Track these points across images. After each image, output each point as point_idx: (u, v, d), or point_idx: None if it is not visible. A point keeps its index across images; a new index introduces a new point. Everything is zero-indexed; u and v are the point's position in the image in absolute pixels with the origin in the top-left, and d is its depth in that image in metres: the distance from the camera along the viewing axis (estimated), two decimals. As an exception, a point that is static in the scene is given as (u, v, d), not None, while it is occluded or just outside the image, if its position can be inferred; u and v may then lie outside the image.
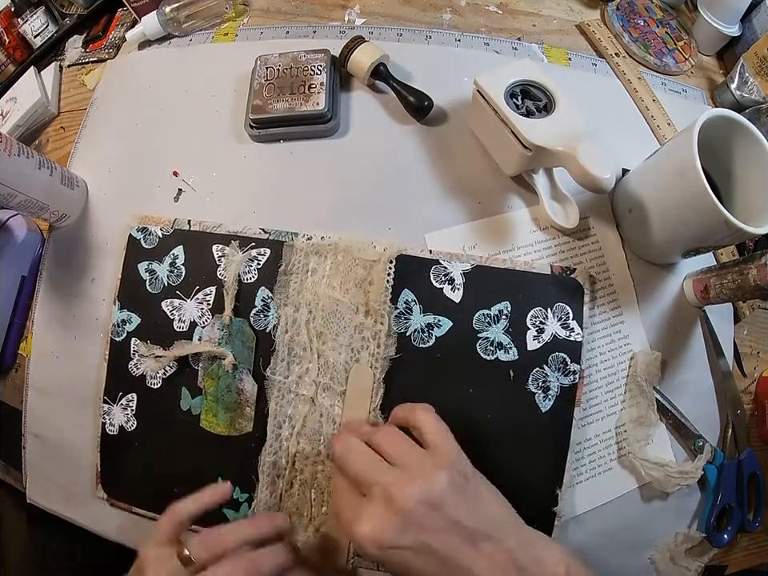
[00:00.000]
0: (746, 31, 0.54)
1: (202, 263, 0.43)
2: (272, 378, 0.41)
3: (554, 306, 0.41)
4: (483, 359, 0.40)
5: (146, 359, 0.43)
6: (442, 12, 0.53)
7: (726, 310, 0.45)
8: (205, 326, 0.42)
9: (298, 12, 0.54)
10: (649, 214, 0.40)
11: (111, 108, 0.52)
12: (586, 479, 0.41)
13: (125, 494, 0.44)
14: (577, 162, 0.36)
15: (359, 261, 0.41)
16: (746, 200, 0.38)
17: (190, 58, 0.53)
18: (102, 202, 0.48)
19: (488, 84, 0.40)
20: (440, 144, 0.46)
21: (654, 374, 0.42)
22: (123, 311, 0.44)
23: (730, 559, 0.45)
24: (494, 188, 0.45)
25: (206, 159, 0.47)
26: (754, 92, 0.49)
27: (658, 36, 0.54)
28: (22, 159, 0.41)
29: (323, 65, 0.46)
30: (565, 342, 0.40)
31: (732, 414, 0.43)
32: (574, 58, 0.51)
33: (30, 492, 0.48)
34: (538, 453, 0.40)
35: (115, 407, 0.44)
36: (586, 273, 0.42)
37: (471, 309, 0.41)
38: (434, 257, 0.42)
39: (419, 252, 0.42)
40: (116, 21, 0.59)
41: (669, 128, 0.48)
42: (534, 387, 0.40)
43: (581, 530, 0.41)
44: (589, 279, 0.42)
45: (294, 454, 0.40)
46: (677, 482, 0.41)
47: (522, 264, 0.42)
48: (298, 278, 0.42)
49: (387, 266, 0.41)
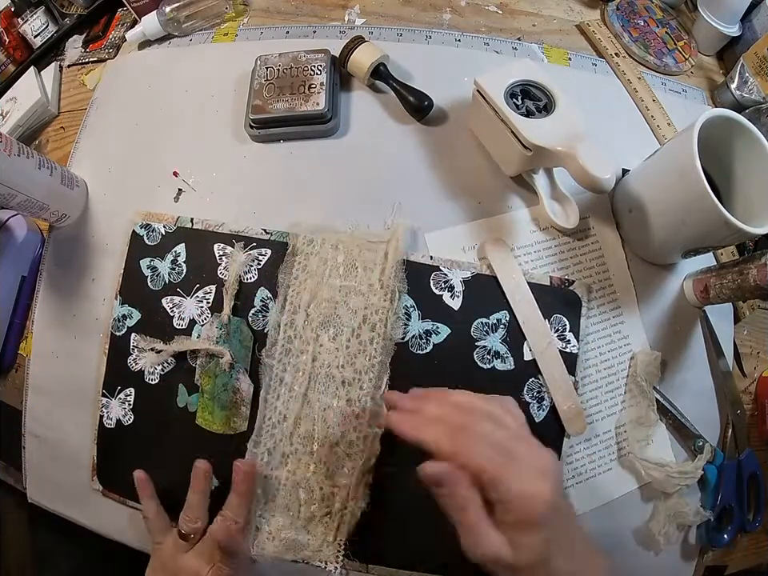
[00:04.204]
0: (746, 31, 0.54)
1: (203, 261, 0.43)
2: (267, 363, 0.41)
3: (552, 318, 0.41)
4: (480, 367, 0.41)
5: (145, 353, 0.43)
6: (442, 12, 0.53)
7: (726, 309, 0.45)
8: (204, 324, 0.43)
9: (298, 12, 0.54)
10: (649, 214, 0.40)
11: (111, 108, 0.52)
12: (586, 479, 0.41)
13: (120, 487, 0.44)
14: (577, 162, 0.36)
15: (366, 245, 0.42)
16: (746, 200, 0.38)
17: (190, 57, 0.53)
18: (102, 202, 0.48)
19: (488, 84, 0.40)
20: (440, 144, 0.46)
21: (653, 374, 0.42)
22: (124, 306, 0.44)
23: (730, 559, 0.45)
24: (494, 188, 0.45)
25: (205, 159, 0.47)
26: (754, 92, 0.49)
27: (658, 36, 0.54)
28: (22, 159, 0.41)
29: (323, 65, 0.46)
30: (561, 353, 0.40)
31: (732, 414, 0.43)
32: (574, 58, 0.51)
33: (30, 492, 0.48)
34: None
35: (113, 401, 0.44)
36: (585, 285, 0.42)
37: (470, 317, 0.41)
38: (435, 263, 0.42)
39: (420, 258, 0.42)
40: (116, 21, 0.59)
41: (669, 128, 0.48)
42: (529, 397, 0.40)
43: (581, 530, 0.41)
44: (587, 291, 0.42)
45: (286, 455, 0.40)
46: (677, 482, 0.41)
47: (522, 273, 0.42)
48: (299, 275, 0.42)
49: (401, 240, 0.41)
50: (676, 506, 0.41)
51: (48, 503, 0.47)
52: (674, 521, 0.41)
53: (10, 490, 0.49)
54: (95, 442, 0.45)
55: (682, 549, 0.43)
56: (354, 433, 0.40)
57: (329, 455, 0.40)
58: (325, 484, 0.40)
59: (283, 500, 0.40)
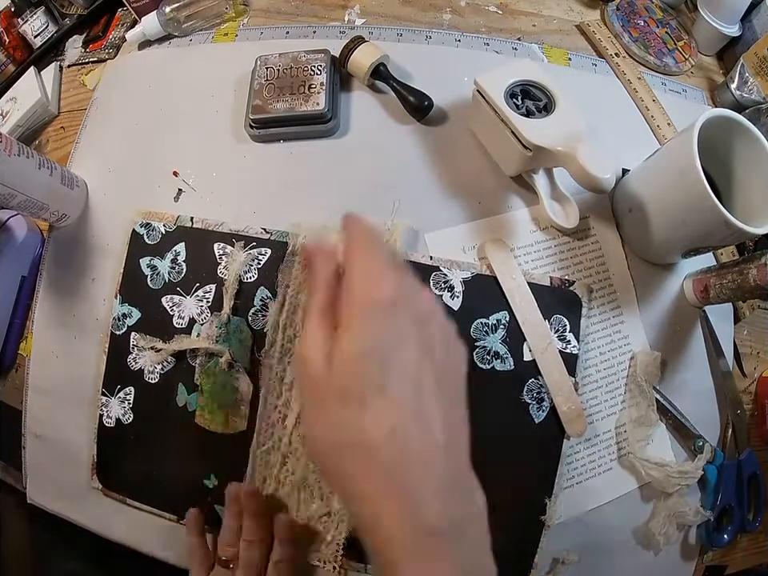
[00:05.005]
0: (746, 31, 0.54)
1: (203, 261, 0.43)
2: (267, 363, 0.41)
3: (552, 318, 0.41)
4: (479, 368, 0.40)
5: (145, 352, 0.43)
6: (442, 12, 0.53)
7: (726, 310, 0.45)
8: (204, 323, 0.43)
9: (298, 12, 0.54)
10: (649, 214, 0.40)
11: (111, 108, 0.52)
12: (586, 479, 0.41)
13: (119, 486, 0.44)
14: (577, 162, 0.36)
15: None
16: (746, 200, 0.38)
17: (190, 58, 0.53)
18: (102, 202, 0.48)
19: (488, 84, 0.40)
20: (440, 144, 0.46)
21: (653, 374, 0.42)
22: (124, 305, 0.44)
23: (730, 559, 0.45)
24: (494, 188, 0.45)
25: (205, 159, 0.47)
26: (754, 92, 0.49)
27: (658, 36, 0.54)
28: (22, 159, 0.41)
29: (323, 65, 0.46)
30: (561, 354, 0.40)
31: (732, 414, 0.43)
32: (574, 58, 0.51)
33: (30, 492, 0.48)
34: (530, 463, 0.40)
35: (113, 400, 0.44)
36: (585, 285, 0.42)
37: (469, 317, 0.41)
38: (435, 263, 0.42)
39: (420, 258, 0.42)
40: (116, 21, 0.59)
41: (669, 128, 0.48)
42: (529, 398, 0.40)
43: (581, 530, 0.41)
44: (587, 291, 0.42)
45: (286, 455, 0.40)
46: (677, 482, 0.40)
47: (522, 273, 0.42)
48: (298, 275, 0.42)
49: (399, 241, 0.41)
50: (676, 506, 0.41)
51: (48, 503, 0.47)
52: (673, 521, 0.41)
53: (10, 490, 0.49)
54: (95, 442, 0.45)
55: (681, 549, 0.43)
56: None
57: None
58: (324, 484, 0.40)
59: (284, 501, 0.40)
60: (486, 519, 0.25)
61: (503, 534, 0.40)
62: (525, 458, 0.40)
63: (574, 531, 0.41)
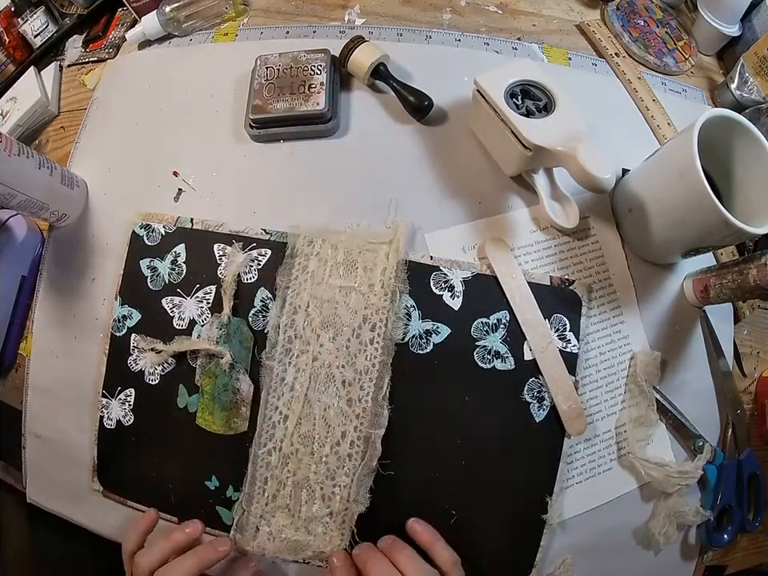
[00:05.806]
0: (746, 31, 0.54)
1: (203, 262, 0.43)
2: (268, 365, 0.41)
3: (552, 317, 0.41)
4: (480, 367, 0.41)
5: (146, 354, 0.43)
6: (442, 12, 0.53)
7: (726, 310, 0.45)
8: (204, 325, 0.43)
9: (298, 12, 0.54)
10: (649, 214, 0.40)
11: (111, 108, 0.52)
12: (586, 479, 0.41)
13: (120, 487, 0.44)
14: (577, 162, 0.36)
15: (366, 245, 0.41)
16: (746, 200, 0.38)
17: (190, 57, 0.53)
18: (102, 201, 0.48)
19: (488, 84, 0.40)
20: (440, 144, 0.46)
21: (653, 374, 0.42)
22: (124, 307, 0.44)
23: (730, 559, 0.45)
24: (494, 188, 0.45)
25: (205, 159, 0.47)
26: (754, 92, 0.49)
27: (658, 36, 0.54)
28: (22, 159, 0.41)
29: (323, 65, 0.46)
30: (561, 353, 0.40)
31: (732, 414, 0.43)
32: (574, 58, 0.51)
33: (29, 491, 0.48)
34: (531, 461, 0.40)
35: (113, 401, 0.44)
36: (585, 285, 0.42)
37: (470, 317, 0.41)
38: (435, 263, 0.42)
39: (420, 258, 0.42)
40: (116, 21, 0.59)
41: (669, 128, 0.48)
42: (530, 397, 0.40)
43: (581, 530, 0.41)
44: (587, 291, 0.42)
45: (287, 455, 0.40)
46: (677, 482, 0.41)
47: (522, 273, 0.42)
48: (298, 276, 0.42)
49: (402, 240, 0.41)
50: (676, 506, 0.41)
51: (48, 503, 0.47)
52: (673, 521, 0.41)
53: (10, 490, 0.49)
54: (95, 443, 0.45)
55: (681, 549, 0.43)
56: (355, 433, 0.40)
57: (329, 455, 0.40)
58: (325, 484, 0.40)
59: (284, 500, 0.40)
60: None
61: (504, 532, 0.40)
62: (525, 456, 0.40)
63: (575, 531, 0.41)
